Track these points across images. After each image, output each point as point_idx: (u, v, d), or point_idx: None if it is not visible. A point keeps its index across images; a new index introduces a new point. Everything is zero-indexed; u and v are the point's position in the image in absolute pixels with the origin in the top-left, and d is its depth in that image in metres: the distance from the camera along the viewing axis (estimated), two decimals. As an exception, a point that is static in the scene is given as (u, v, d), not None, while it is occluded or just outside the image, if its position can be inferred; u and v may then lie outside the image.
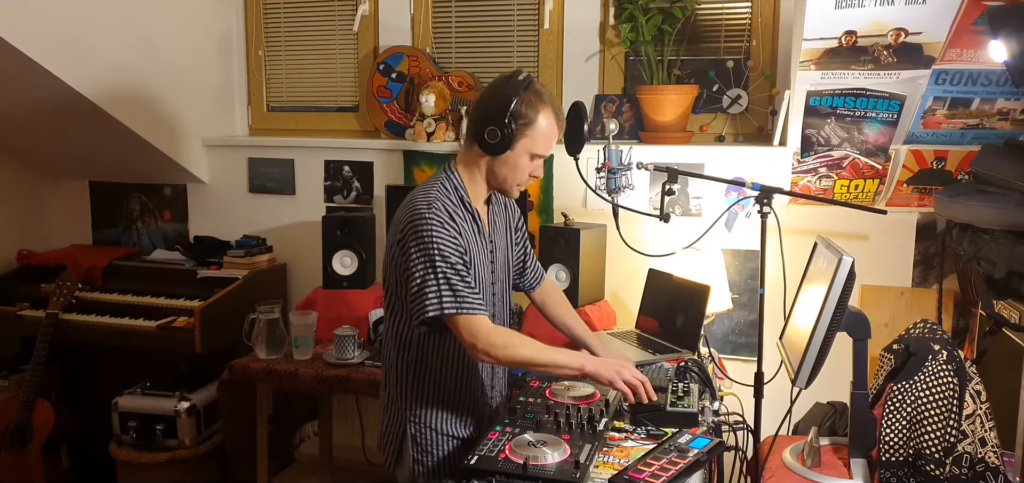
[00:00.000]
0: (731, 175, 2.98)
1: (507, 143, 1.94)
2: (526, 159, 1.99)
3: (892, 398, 1.84)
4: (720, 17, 3.27)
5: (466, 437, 2.09)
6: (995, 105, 2.64)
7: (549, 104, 1.99)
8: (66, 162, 3.85)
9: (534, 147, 1.98)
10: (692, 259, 2.90)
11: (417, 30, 3.60)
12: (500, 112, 1.93)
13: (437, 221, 1.90)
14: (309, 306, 3.18)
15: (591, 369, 1.94)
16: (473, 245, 2.01)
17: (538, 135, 1.97)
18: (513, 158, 1.98)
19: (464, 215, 2.00)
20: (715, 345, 3.05)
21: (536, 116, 1.95)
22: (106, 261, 3.66)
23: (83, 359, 3.67)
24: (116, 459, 3.32)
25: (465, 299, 1.88)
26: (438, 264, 1.87)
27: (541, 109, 1.96)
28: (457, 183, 2.02)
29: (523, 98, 1.94)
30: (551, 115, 1.99)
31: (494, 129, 1.93)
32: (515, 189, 2.06)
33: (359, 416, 3.52)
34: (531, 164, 2.01)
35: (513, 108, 1.92)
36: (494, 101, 1.95)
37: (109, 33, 3.17)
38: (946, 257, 2.90)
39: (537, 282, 2.38)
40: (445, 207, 1.94)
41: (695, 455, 1.70)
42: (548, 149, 2.02)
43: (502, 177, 2.02)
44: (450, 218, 1.93)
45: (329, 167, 3.63)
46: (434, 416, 2.05)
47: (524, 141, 1.96)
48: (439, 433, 2.06)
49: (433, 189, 1.98)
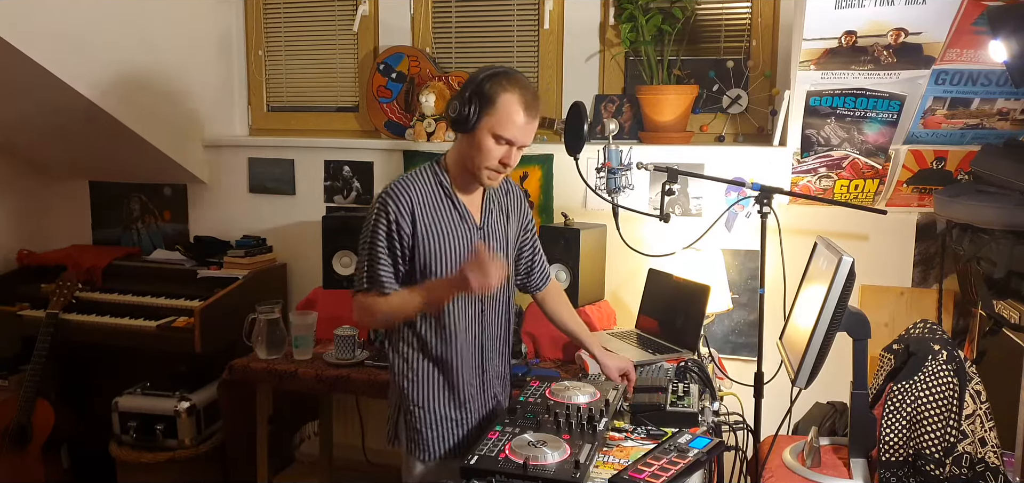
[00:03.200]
0: (731, 175, 2.99)
1: (466, 120, 1.99)
2: (491, 141, 2.00)
3: (892, 398, 1.84)
4: (720, 17, 3.27)
5: (457, 418, 2.15)
6: (995, 105, 2.64)
7: (516, 89, 2.00)
8: (66, 162, 3.85)
9: (496, 127, 1.99)
10: (692, 259, 2.90)
11: (417, 30, 3.60)
12: (464, 90, 2.01)
13: (380, 204, 2.04)
14: (309, 306, 3.19)
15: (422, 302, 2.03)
16: (448, 227, 2.09)
17: (500, 115, 1.98)
18: (477, 138, 2.01)
19: (439, 199, 2.09)
20: (715, 345, 3.05)
21: (498, 96, 1.98)
22: (106, 261, 3.66)
23: (83, 359, 3.67)
24: (116, 459, 3.32)
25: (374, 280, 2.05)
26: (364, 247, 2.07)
27: (505, 90, 1.98)
28: (439, 171, 2.12)
29: (491, 80, 1.99)
30: (516, 99, 1.99)
31: (455, 104, 2.01)
32: (485, 174, 2.06)
33: (359, 416, 3.52)
34: (498, 148, 2.02)
35: (476, 87, 1.99)
36: (466, 82, 2.04)
37: (109, 33, 3.17)
38: (946, 257, 2.90)
39: (544, 283, 2.40)
40: (403, 191, 2.05)
41: (695, 455, 1.70)
42: (514, 134, 2.00)
43: (470, 160, 2.06)
44: (407, 200, 2.04)
45: (329, 167, 3.63)
46: (422, 395, 2.12)
47: (486, 120, 1.99)
48: (429, 413, 2.12)
49: (400, 176, 2.11)
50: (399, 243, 2.05)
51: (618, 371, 2.29)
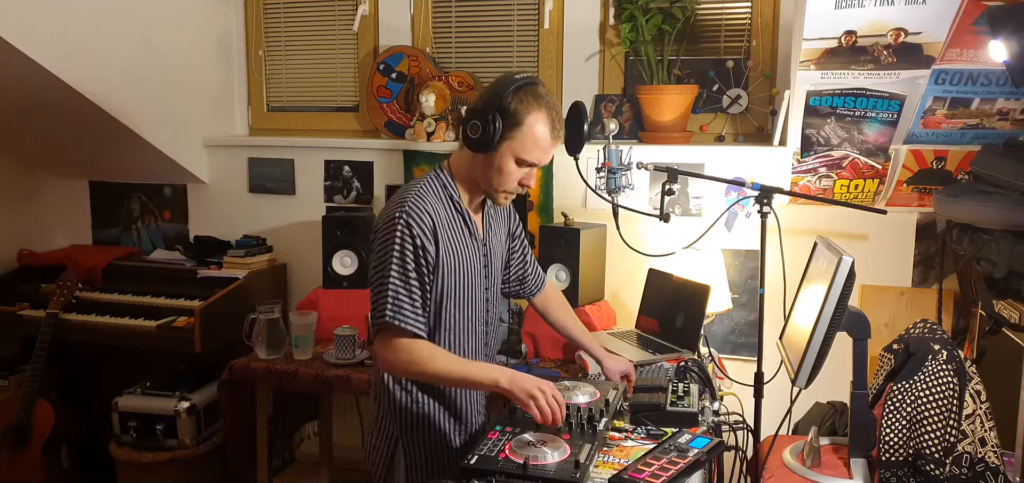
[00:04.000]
0: (731, 175, 2.98)
1: (488, 141, 1.80)
2: (512, 164, 1.85)
3: (892, 398, 1.84)
4: (720, 17, 3.27)
5: (459, 447, 2.02)
6: (995, 105, 2.64)
7: (545, 109, 1.83)
8: (66, 162, 3.85)
9: (521, 151, 1.83)
10: (692, 259, 2.90)
11: (417, 30, 3.60)
12: (486, 107, 1.81)
13: (403, 224, 1.82)
14: (309, 306, 3.18)
15: (506, 385, 1.79)
16: (461, 247, 1.93)
17: (525, 139, 1.82)
18: (497, 160, 1.84)
19: (453, 216, 1.92)
20: (715, 345, 3.05)
21: (525, 118, 1.81)
22: (106, 261, 3.66)
23: (83, 359, 3.67)
24: (116, 459, 3.32)
25: (403, 312, 1.80)
26: (387, 271, 1.81)
27: (532, 111, 1.81)
28: (446, 181, 1.93)
29: (515, 96, 1.81)
30: (544, 121, 1.82)
31: (476, 123, 1.81)
32: (501, 196, 1.92)
33: (359, 416, 3.52)
34: (519, 171, 1.86)
35: (500, 104, 1.80)
36: (486, 95, 1.84)
37: (109, 33, 3.17)
38: (946, 257, 2.89)
39: (539, 287, 2.32)
40: (425, 208, 1.84)
41: (695, 455, 1.69)
42: (539, 157, 1.86)
43: (486, 180, 1.89)
44: (429, 219, 1.84)
45: (329, 167, 3.63)
46: (428, 429, 1.98)
47: (509, 143, 1.82)
48: (434, 444, 2.00)
49: (414, 188, 1.89)
50: (426, 268, 1.84)
51: (618, 371, 2.28)
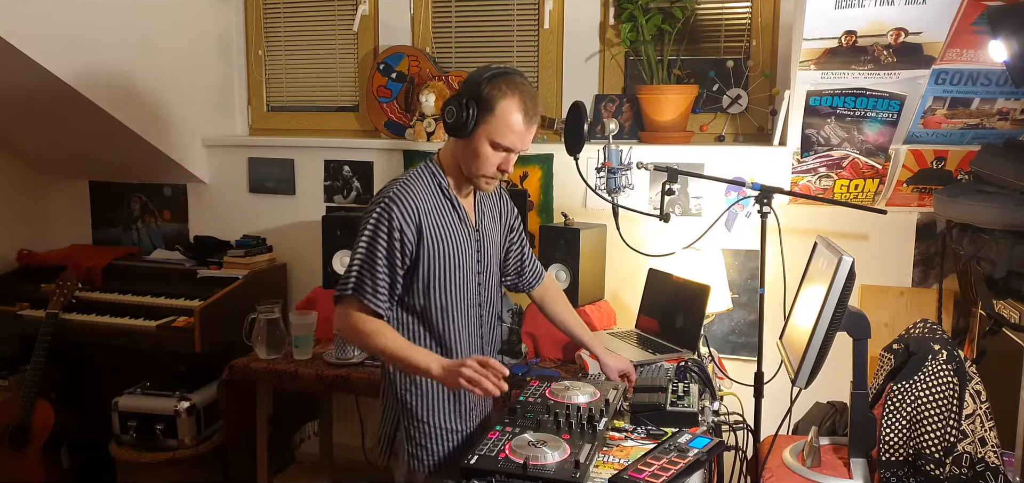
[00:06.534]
0: (731, 175, 2.98)
1: (463, 126, 1.91)
2: (487, 148, 1.93)
3: (892, 398, 1.84)
4: (720, 17, 3.27)
5: (460, 430, 2.09)
6: (995, 105, 2.64)
7: (517, 94, 1.91)
8: (66, 162, 3.85)
9: (495, 135, 1.92)
10: (692, 259, 2.90)
11: (417, 30, 3.60)
12: (462, 94, 1.92)
13: (383, 209, 1.94)
14: (309, 306, 3.19)
15: (438, 372, 1.90)
16: (450, 230, 2.02)
17: (499, 123, 1.90)
18: (474, 145, 1.94)
19: (441, 202, 2.02)
20: (715, 345, 3.05)
21: (498, 103, 1.90)
22: (106, 261, 3.66)
23: (83, 359, 3.67)
24: (116, 459, 3.32)
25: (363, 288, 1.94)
26: (359, 249, 1.95)
27: (506, 97, 1.90)
28: (435, 171, 2.04)
29: (490, 83, 1.90)
30: (517, 107, 1.91)
31: (452, 109, 1.92)
32: (482, 181, 2.00)
33: (359, 416, 3.52)
34: (496, 155, 1.95)
35: (475, 91, 1.90)
36: (464, 83, 1.95)
37: (109, 33, 3.17)
38: (946, 257, 2.89)
39: (537, 280, 2.37)
40: (409, 196, 1.96)
41: (695, 455, 1.70)
42: (513, 142, 1.94)
43: (467, 166, 1.99)
44: (413, 206, 1.95)
45: (329, 167, 3.63)
46: (425, 409, 2.06)
47: (484, 127, 1.91)
48: (431, 427, 2.07)
49: (402, 178, 2.01)
50: (400, 254, 1.95)
51: (618, 371, 2.28)
